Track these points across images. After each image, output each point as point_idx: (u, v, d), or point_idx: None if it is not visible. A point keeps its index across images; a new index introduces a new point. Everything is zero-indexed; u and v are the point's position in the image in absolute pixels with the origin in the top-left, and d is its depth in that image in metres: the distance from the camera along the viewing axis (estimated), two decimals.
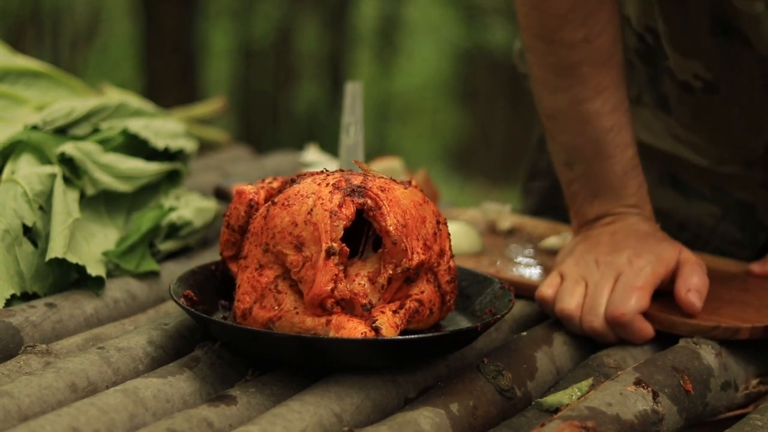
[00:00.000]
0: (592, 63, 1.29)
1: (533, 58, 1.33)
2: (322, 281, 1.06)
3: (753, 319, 1.23)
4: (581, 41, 1.28)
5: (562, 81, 1.31)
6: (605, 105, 1.30)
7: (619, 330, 1.22)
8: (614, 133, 1.30)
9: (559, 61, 1.30)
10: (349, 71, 6.36)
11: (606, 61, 1.30)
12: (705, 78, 1.40)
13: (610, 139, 1.30)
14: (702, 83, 1.41)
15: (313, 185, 1.11)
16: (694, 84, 1.42)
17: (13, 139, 1.39)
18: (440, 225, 1.14)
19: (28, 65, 1.57)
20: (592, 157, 1.31)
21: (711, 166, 1.50)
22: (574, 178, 1.34)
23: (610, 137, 1.30)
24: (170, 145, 1.52)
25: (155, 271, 1.36)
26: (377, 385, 1.06)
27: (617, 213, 1.32)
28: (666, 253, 1.27)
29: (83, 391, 1.04)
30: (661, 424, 1.06)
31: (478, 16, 6.50)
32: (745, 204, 1.51)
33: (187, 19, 5.38)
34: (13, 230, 1.27)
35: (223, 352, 1.12)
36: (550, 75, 1.32)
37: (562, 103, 1.32)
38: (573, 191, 1.35)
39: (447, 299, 1.15)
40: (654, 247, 1.27)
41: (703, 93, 1.42)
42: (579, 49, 1.29)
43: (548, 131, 1.36)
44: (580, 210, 1.35)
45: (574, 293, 1.25)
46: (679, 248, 1.28)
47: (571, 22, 1.28)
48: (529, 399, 1.12)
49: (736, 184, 1.51)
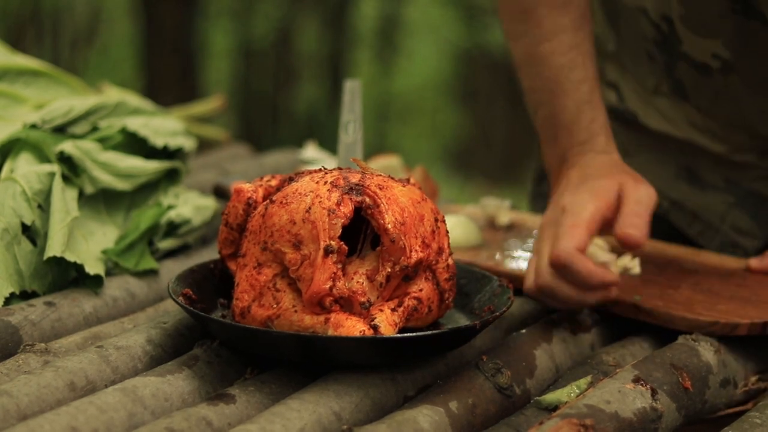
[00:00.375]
0: (547, 5, 1.33)
1: (500, 9, 1.39)
2: (321, 279, 1.06)
3: (752, 314, 1.23)
4: None
5: (520, 26, 1.36)
6: (561, 45, 1.33)
7: (565, 274, 1.19)
8: (568, 70, 1.33)
9: (517, 5, 1.35)
10: (349, 71, 6.36)
11: (562, 3, 1.33)
12: (723, 57, 1.42)
13: (565, 76, 1.33)
14: (720, 63, 1.42)
15: (312, 183, 1.10)
16: (712, 65, 1.43)
17: (12, 138, 1.39)
18: (438, 223, 1.14)
19: (28, 64, 1.57)
20: (548, 96, 1.34)
21: (727, 154, 1.51)
22: (540, 124, 1.36)
23: (564, 74, 1.33)
24: (169, 144, 1.52)
25: (154, 270, 1.36)
26: (376, 384, 1.06)
27: (572, 155, 1.31)
28: (602, 186, 1.24)
29: (82, 390, 1.04)
30: (659, 421, 1.06)
31: (478, 16, 6.51)
32: (758, 194, 1.52)
33: (187, 19, 5.38)
34: (12, 229, 1.27)
35: (222, 351, 1.12)
36: (511, 23, 1.37)
37: (523, 48, 1.36)
38: (541, 140, 1.37)
39: (446, 297, 1.15)
40: (591, 183, 1.26)
41: (721, 73, 1.43)
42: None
43: (521, 83, 1.39)
44: (548, 160, 1.36)
45: (531, 269, 1.25)
46: (621, 179, 1.25)
47: None
48: (528, 397, 1.12)
49: (750, 175, 1.52)
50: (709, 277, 1.36)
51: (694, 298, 1.28)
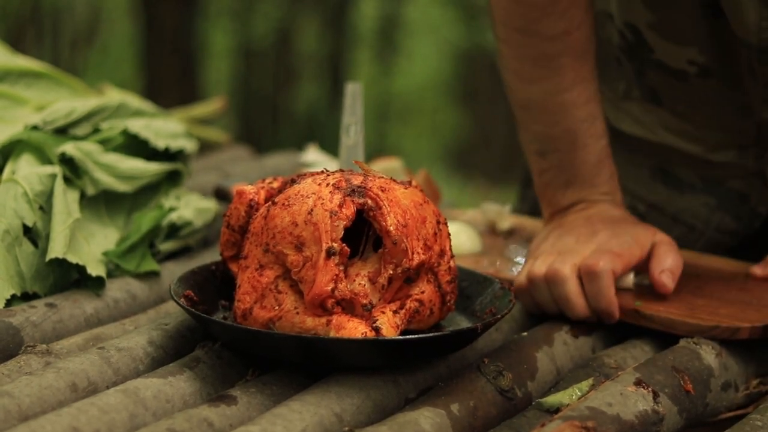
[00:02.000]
0: (571, 54, 1.31)
1: (508, 50, 1.35)
2: (323, 281, 1.06)
3: (753, 318, 1.23)
4: (561, 33, 1.30)
5: (539, 72, 1.33)
6: (581, 96, 1.32)
7: (588, 280, 1.23)
8: (588, 124, 1.33)
9: (537, 52, 1.32)
10: (349, 71, 6.36)
11: (584, 53, 1.32)
12: (700, 62, 1.42)
13: (585, 129, 1.33)
14: (697, 68, 1.43)
15: (314, 185, 1.11)
16: (689, 70, 1.43)
17: (13, 139, 1.39)
18: (440, 225, 1.14)
19: (29, 65, 1.57)
20: (566, 146, 1.33)
21: (704, 154, 1.51)
22: (547, 167, 1.36)
23: (584, 127, 1.33)
24: (170, 145, 1.52)
25: (155, 271, 1.36)
26: (378, 385, 1.06)
27: (590, 200, 1.34)
28: (642, 236, 1.28)
29: (83, 391, 1.04)
30: (661, 424, 1.06)
31: (478, 16, 6.50)
32: (739, 193, 1.52)
33: (187, 19, 5.37)
34: (13, 230, 1.28)
35: (224, 352, 1.12)
36: (526, 66, 1.34)
37: (538, 93, 1.34)
38: (545, 180, 1.37)
39: (447, 299, 1.15)
40: (630, 229, 1.29)
41: (698, 77, 1.44)
42: (558, 41, 1.31)
43: (521, 121, 1.38)
44: (553, 199, 1.36)
45: (545, 261, 1.27)
46: (653, 231, 1.30)
47: (551, 14, 1.29)
48: (529, 399, 1.12)
49: (729, 174, 1.52)
50: (709, 282, 1.36)
51: (695, 303, 1.28)
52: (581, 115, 1.32)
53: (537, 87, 1.33)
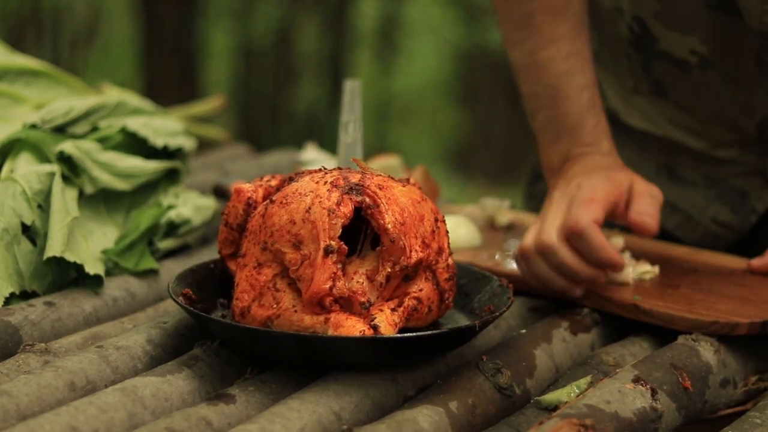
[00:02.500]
0: (544, 12, 1.37)
1: (499, 16, 1.42)
2: (321, 279, 1.06)
3: (751, 314, 1.23)
4: None
5: (519, 33, 1.39)
6: (560, 52, 1.37)
7: (576, 241, 1.23)
8: (568, 76, 1.37)
9: (517, 14, 1.39)
10: (349, 71, 6.36)
11: (559, 11, 1.37)
12: (701, 53, 1.44)
13: (564, 82, 1.37)
14: (698, 58, 1.45)
15: (312, 183, 1.10)
16: (690, 60, 1.46)
17: (12, 138, 1.39)
18: (438, 223, 1.14)
19: (28, 64, 1.57)
20: (549, 101, 1.38)
21: (707, 150, 1.53)
22: (539, 127, 1.40)
23: (563, 80, 1.37)
24: (169, 144, 1.52)
25: (154, 270, 1.36)
26: (376, 384, 1.06)
27: (576, 154, 1.35)
28: (617, 176, 1.30)
29: (82, 390, 1.04)
30: (659, 421, 1.06)
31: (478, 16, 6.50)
32: (738, 190, 1.53)
33: (187, 19, 5.37)
34: (11, 229, 1.27)
35: (222, 351, 1.12)
36: (510, 31, 1.41)
37: (521, 54, 1.40)
38: (540, 141, 1.40)
39: (446, 297, 1.15)
40: (605, 171, 1.31)
41: (700, 69, 1.46)
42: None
43: (519, 87, 1.42)
44: (548, 159, 1.39)
45: (532, 233, 1.28)
46: (632, 176, 1.31)
47: None
48: (528, 397, 1.12)
49: (731, 172, 1.53)
50: (708, 277, 1.36)
51: (694, 298, 1.28)
52: (560, 68, 1.37)
53: (520, 49, 1.40)
